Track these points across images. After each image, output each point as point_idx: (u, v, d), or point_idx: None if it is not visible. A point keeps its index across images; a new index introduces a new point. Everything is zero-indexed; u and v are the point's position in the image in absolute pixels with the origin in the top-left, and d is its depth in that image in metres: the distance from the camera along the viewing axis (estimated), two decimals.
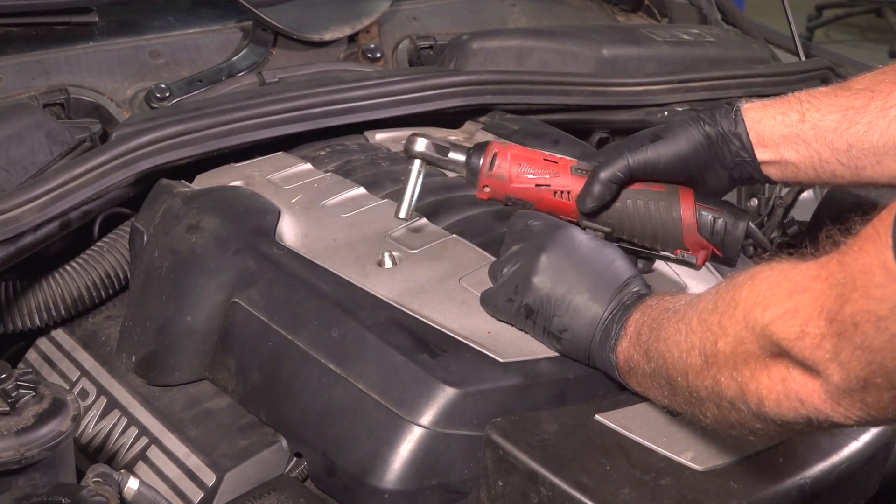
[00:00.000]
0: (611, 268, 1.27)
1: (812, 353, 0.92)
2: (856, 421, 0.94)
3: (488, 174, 1.38)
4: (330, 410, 1.30)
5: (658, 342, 1.12)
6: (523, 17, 2.40)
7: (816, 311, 0.91)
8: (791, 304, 0.93)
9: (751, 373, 0.99)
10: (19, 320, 1.58)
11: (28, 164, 1.62)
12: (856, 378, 0.90)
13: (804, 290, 0.93)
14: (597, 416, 1.21)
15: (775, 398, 0.98)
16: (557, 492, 1.12)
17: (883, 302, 0.85)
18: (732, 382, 1.01)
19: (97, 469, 1.23)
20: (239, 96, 1.80)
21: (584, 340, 1.25)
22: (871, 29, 6.91)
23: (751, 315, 0.97)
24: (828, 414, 0.94)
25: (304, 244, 1.48)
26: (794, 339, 0.93)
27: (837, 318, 0.89)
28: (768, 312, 0.95)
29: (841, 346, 0.90)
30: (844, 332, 0.89)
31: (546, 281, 1.27)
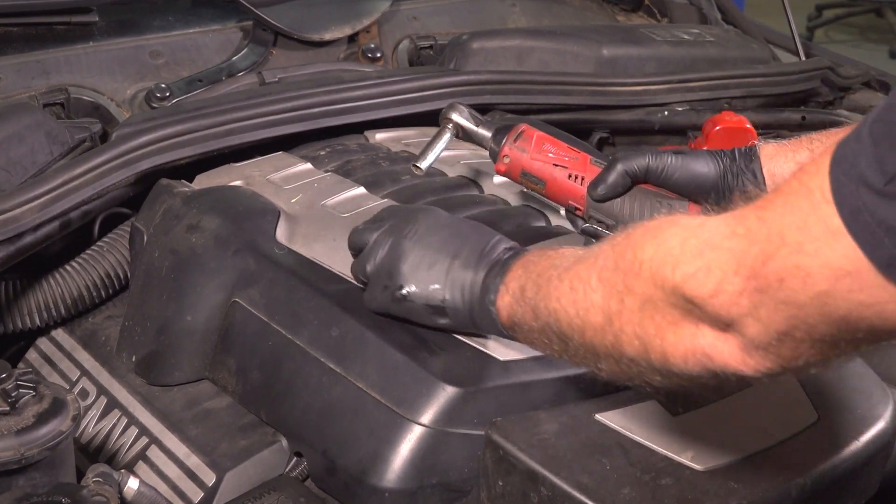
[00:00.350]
0: (475, 233, 1.28)
1: (728, 310, 0.91)
2: (766, 373, 0.94)
3: (511, 145, 1.44)
4: (330, 410, 1.30)
5: (549, 300, 1.11)
6: (523, 17, 2.40)
7: (733, 268, 0.90)
8: (703, 263, 0.92)
9: (656, 330, 0.98)
10: (19, 320, 1.58)
11: (28, 164, 1.62)
12: (774, 332, 0.90)
13: (717, 248, 0.92)
14: (597, 415, 1.21)
15: (682, 354, 0.97)
16: (557, 491, 1.12)
17: (816, 258, 0.85)
18: (636, 340, 1.00)
19: (97, 469, 1.23)
20: (239, 96, 1.80)
21: (463, 306, 1.25)
22: (871, 29, 6.91)
23: (659, 274, 0.96)
24: (737, 368, 0.94)
25: (304, 244, 1.48)
26: (707, 297, 0.92)
27: (760, 274, 0.89)
28: (678, 271, 0.94)
29: (761, 302, 0.89)
30: (767, 288, 0.88)
31: (415, 262, 1.28)
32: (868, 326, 0.87)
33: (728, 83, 2.15)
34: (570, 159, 1.43)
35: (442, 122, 1.53)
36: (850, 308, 0.85)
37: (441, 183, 1.63)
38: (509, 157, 1.46)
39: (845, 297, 0.85)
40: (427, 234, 1.29)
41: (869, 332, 0.88)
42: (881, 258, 0.82)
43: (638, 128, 2.09)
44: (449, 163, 1.71)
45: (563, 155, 1.44)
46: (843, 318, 0.86)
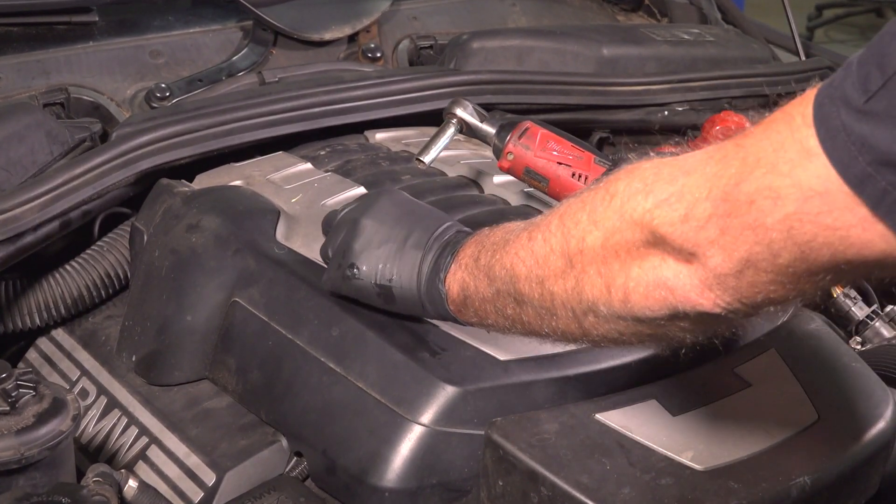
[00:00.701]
0: (430, 215, 1.28)
1: (694, 236, 0.91)
2: (724, 309, 0.93)
3: (516, 142, 1.45)
4: (330, 409, 1.30)
5: (505, 257, 1.11)
6: (523, 16, 2.40)
7: (705, 192, 0.91)
8: (676, 188, 0.93)
9: (620, 265, 0.98)
10: (19, 320, 1.58)
11: (28, 164, 1.62)
12: (737, 259, 0.90)
13: (691, 172, 0.92)
14: (597, 415, 1.21)
15: (643, 290, 0.97)
16: (557, 491, 1.12)
17: (788, 178, 0.86)
18: (598, 279, 1.00)
19: (97, 469, 1.23)
20: (239, 96, 1.80)
21: (412, 284, 1.24)
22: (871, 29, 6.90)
23: (629, 203, 0.96)
24: (697, 302, 0.93)
25: (304, 244, 1.48)
26: (676, 223, 0.92)
27: (730, 197, 0.89)
28: (650, 198, 0.94)
29: (728, 226, 0.89)
30: (735, 211, 0.89)
31: (367, 239, 1.28)
32: (830, 255, 0.86)
33: (728, 83, 2.15)
34: (574, 158, 1.44)
35: (446, 116, 1.54)
36: (815, 232, 0.85)
37: (441, 183, 1.63)
38: (513, 155, 1.47)
39: (813, 219, 0.85)
40: (382, 212, 1.29)
41: (830, 263, 0.87)
42: (853, 176, 0.83)
43: (638, 128, 2.09)
44: (449, 163, 1.71)
45: (567, 153, 1.44)
46: (807, 244, 0.86)
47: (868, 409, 1.27)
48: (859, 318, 1.69)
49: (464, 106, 1.52)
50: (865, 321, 1.69)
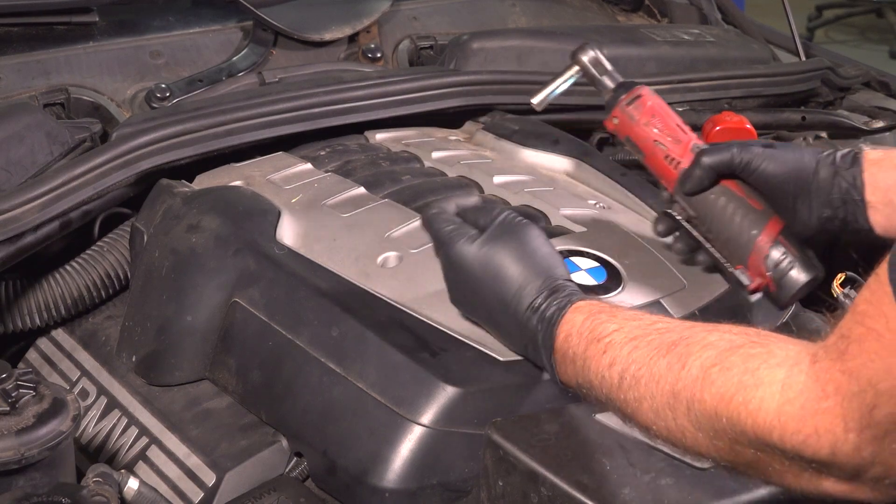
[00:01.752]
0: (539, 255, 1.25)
1: (851, 462, 0.91)
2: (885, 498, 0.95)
3: (623, 108, 1.43)
4: (330, 410, 1.30)
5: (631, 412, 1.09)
6: (523, 17, 2.40)
7: (841, 427, 0.90)
8: (810, 429, 0.91)
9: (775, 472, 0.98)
10: (19, 320, 1.57)
11: (28, 164, 1.62)
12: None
13: (816, 413, 0.91)
14: (597, 415, 1.21)
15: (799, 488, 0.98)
16: (558, 492, 1.12)
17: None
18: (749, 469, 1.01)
19: (97, 469, 1.23)
20: (239, 96, 1.80)
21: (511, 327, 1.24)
22: (871, 29, 6.91)
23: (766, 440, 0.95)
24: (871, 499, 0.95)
25: (304, 244, 1.48)
26: (827, 458, 0.92)
27: (871, 424, 0.88)
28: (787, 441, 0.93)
29: (881, 449, 0.89)
30: (881, 439, 0.88)
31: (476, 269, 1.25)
32: None
33: (728, 83, 2.15)
34: (672, 141, 1.41)
35: (571, 60, 1.50)
36: None
37: (441, 183, 1.63)
38: (618, 120, 1.44)
39: None
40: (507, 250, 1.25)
41: None
42: None
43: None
44: (449, 163, 1.71)
45: (667, 135, 1.41)
46: None
47: None
48: None
49: (588, 54, 1.49)
50: None
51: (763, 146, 1.35)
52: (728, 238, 1.35)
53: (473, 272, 1.25)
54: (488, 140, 1.84)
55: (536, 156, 1.78)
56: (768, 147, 1.34)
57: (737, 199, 1.35)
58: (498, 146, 1.82)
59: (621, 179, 1.67)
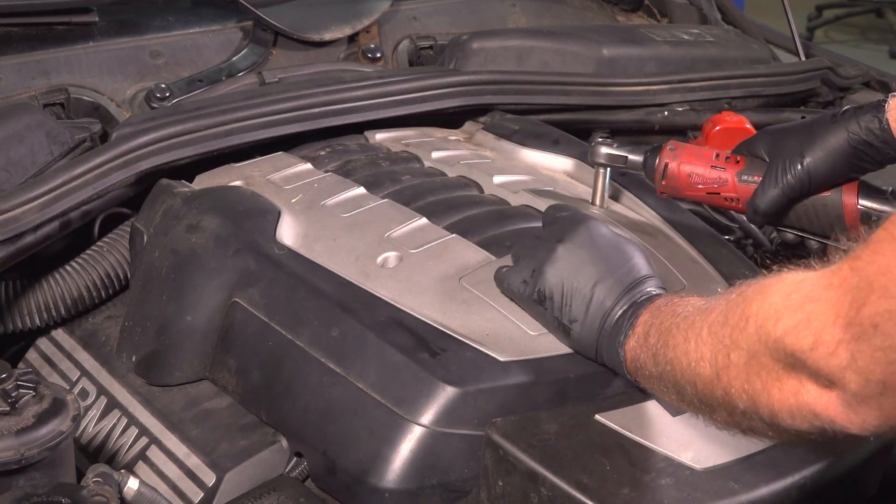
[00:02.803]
0: (627, 264, 1.26)
1: (827, 363, 0.92)
2: (873, 429, 0.94)
3: (662, 184, 1.51)
4: (330, 410, 1.30)
5: (667, 349, 1.12)
6: (523, 17, 2.40)
7: (831, 318, 0.92)
8: (804, 315, 0.94)
9: (762, 385, 0.99)
10: (19, 320, 1.57)
11: (28, 164, 1.62)
12: (875, 382, 0.90)
13: (816, 300, 0.94)
14: (597, 415, 1.21)
15: (788, 411, 0.99)
16: (558, 492, 1.12)
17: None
18: (744, 394, 1.02)
19: (97, 469, 1.23)
20: (239, 96, 1.80)
21: (592, 333, 1.25)
22: (871, 29, 6.91)
23: (763, 329, 0.98)
24: (844, 424, 0.95)
25: (304, 244, 1.48)
26: (808, 350, 0.93)
27: (855, 322, 0.90)
28: (780, 325, 0.96)
29: (859, 351, 0.90)
30: (863, 335, 0.89)
31: (561, 271, 1.27)
32: None
33: (728, 83, 2.15)
34: (719, 185, 1.47)
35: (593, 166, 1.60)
36: None
37: (441, 183, 1.63)
38: (666, 193, 1.52)
39: None
40: (581, 245, 1.28)
41: None
42: None
43: (638, 128, 2.09)
44: (449, 163, 1.71)
45: (712, 182, 1.48)
46: None
47: None
48: None
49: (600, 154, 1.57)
50: None
51: (799, 157, 1.39)
52: (821, 228, 1.43)
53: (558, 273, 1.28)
54: (488, 140, 1.84)
55: (536, 156, 1.78)
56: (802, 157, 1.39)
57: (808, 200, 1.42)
58: (498, 146, 1.82)
59: (620, 179, 1.67)
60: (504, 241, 1.45)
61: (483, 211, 1.54)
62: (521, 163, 1.76)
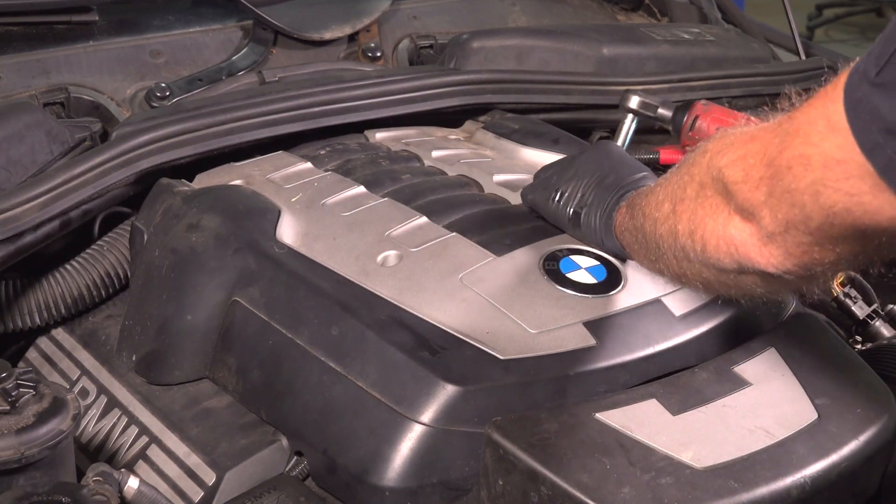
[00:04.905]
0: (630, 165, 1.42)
1: (750, 195, 1.03)
2: (778, 268, 1.05)
3: (688, 135, 1.56)
4: (330, 409, 1.30)
5: (641, 198, 1.27)
6: (523, 16, 2.40)
7: (761, 156, 1.02)
8: (743, 151, 1.05)
9: (702, 216, 1.10)
10: (19, 319, 1.57)
11: (28, 163, 1.62)
12: (781, 220, 1.00)
13: (755, 139, 1.05)
14: (597, 414, 1.21)
15: (715, 242, 1.09)
16: (558, 491, 1.12)
17: (816, 147, 0.96)
18: (688, 226, 1.13)
19: (97, 468, 1.23)
20: (239, 95, 1.80)
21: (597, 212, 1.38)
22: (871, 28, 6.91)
23: (713, 161, 1.09)
24: (755, 259, 1.06)
25: (304, 243, 1.48)
26: (738, 182, 1.05)
27: (776, 162, 1.00)
28: (724, 157, 1.07)
29: (773, 188, 1.00)
30: (778, 175, 1.00)
31: (575, 172, 1.44)
32: (851, 221, 0.96)
33: (728, 83, 2.15)
34: None
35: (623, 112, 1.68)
36: (836, 198, 0.95)
37: (441, 182, 1.63)
38: (689, 146, 1.56)
39: (834, 185, 0.95)
40: (594, 156, 1.46)
41: (853, 229, 0.96)
42: (866, 144, 0.91)
43: (638, 127, 2.09)
44: (449, 162, 1.71)
45: None
46: (830, 209, 0.96)
47: (868, 409, 1.27)
48: (860, 318, 1.69)
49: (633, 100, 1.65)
50: (865, 321, 1.68)
51: None
52: None
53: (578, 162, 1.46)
54: (488, 139, 1.84)
55: (536, 155, 1.78)
56: None
57: None
58: (498, 145, 1.82)
59: None
60: (504, 240, 1.45)
61: (483, 210, 1.54)
62: (521, 162, 1.76)
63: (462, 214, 1.52)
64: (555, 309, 1.35)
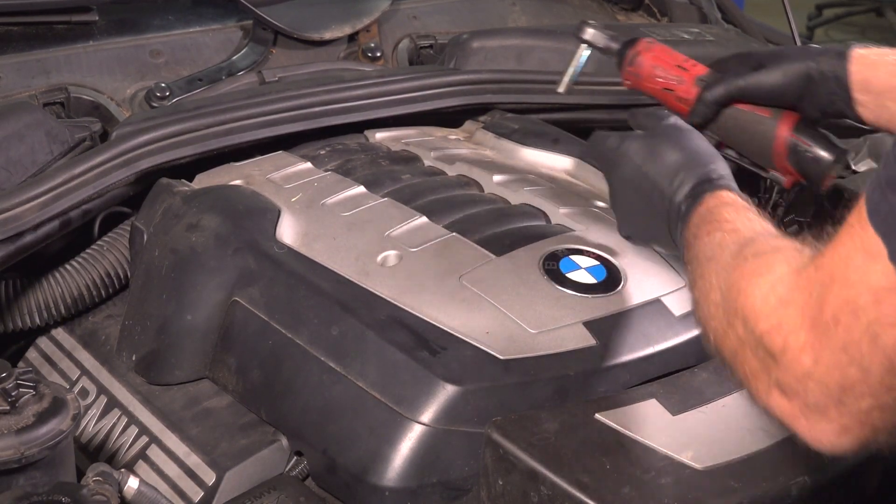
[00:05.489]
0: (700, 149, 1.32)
1: (793, 368, 0.92)
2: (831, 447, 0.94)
3: (627, 70, 1.57)
4: (330, 408, 1.30)
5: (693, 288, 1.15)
6: (523, 16, 2.40)
7: (799, 322, 0.92)
8: (776, 320, 0.95)
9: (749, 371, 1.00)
10: (19, 319, 1.57)
11: (28, 163, 1.62)
12: (835, 388, 0.89)
13: (787, 304, 0.94)
14: (597, 414, 1.21)
15: (764, 403, 0.99)
16: (557, 490, 1.12)
17: (860, 285, 0.86)
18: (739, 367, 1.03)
19: (97, 468, 1.23)
20: (239, 95, 1.80)
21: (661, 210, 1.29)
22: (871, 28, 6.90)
23: (748, 325, 0.98)
24: (803, 435, 0.95)
25: (304, 243, 1.48)
26: (779, 354, 0.94)
27: (818, 321, 0.89)
28: (760, 325, 0.97)
29: (822, 352, 0.89)
30: (827, 334, 0.89)
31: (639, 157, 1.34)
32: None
33: None
34: (678, 82, 1.53)
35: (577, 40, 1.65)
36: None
37: (441, 182, 1.63)
38: (629, 80, 1.57)
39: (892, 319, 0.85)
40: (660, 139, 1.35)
41: None
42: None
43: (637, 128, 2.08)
44: (449, 161, 1.71)
45: (672, 78, 1.53)
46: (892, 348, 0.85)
47: None
48: None
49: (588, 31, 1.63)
50: None
51: (754, 66, 1.45)
52: (752, 150, 1.47)
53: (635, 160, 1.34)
54: (488, 139, 1.84)
55: (536, 155, 1.78)
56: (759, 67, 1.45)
57: (746, 115, 1.46)
58: (498, 145, 1.82)
59: None
60: (504, 240, 1.45)
61: (483, 210, 1.54)
62: (521, 162, 1.76)
63: (462, 214, 1.52)
64: (555, 309, 1.35)
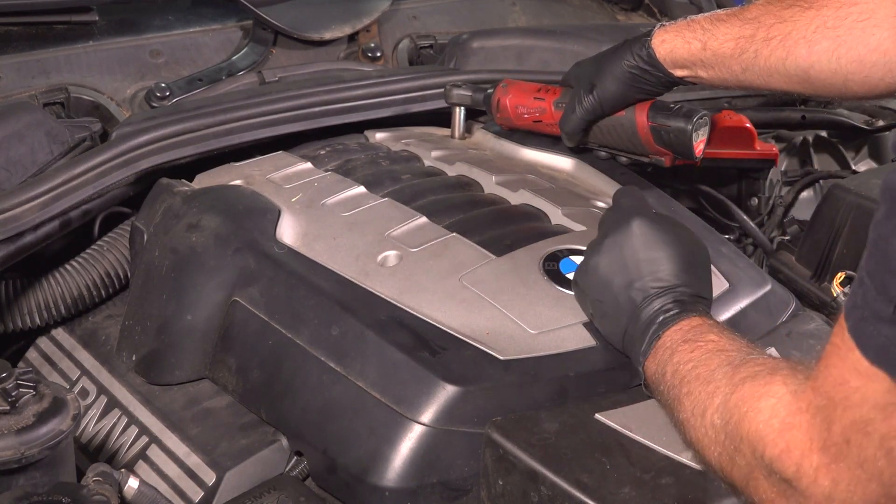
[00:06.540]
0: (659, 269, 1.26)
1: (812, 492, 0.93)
2: None
3: (497, 117, 1.74)
4: (330, 409, 1.30)
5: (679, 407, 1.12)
6: (523, 16, 2.40)
7: (808, 445, 0.93)
8: (784, 444, 0.95)
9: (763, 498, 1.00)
10: (19, 319, 1.57)
11: (28, 163, 1.62)
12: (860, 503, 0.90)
13: (792, 427, 0.95)
14: (597, 415, 1.21)
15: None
16: (557, 491, 1.12)
17: (864, 404, 0.88)
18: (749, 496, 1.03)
19: (97, 468, 1.23)
20: (239, 95, 1.80)
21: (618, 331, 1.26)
22: None
23: (756, 451, 0.99)
24: None
25: (304, 243, 1.48)
26: (793, 479, 0.94)
27: (829, 444, 0.91)
28: (767, 451, 0.97)
29: (839, 473, 0.90)
30: (840, 454, 0.90)
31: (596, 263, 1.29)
32: None
33: None
34: (540, 113, 1.68)
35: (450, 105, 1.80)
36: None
37: (441, 182, 1.63)
38: (503, 125, 1.75)
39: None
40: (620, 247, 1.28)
41: None
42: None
43: None
44: (449, 162, 1.71)
45: (535, 111, 1.69)
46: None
47: None
48: None
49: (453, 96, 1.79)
50: None
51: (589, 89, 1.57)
52: (626, 146, 1.62)
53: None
54: (488, 139, 1.84)
55: (536, 155, 1.78)
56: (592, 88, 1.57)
57: (607, 121, 1.60)
58: (497, 145, 1.82)
59: (621, 178, 1.67)
60: (504, 241, 1.45)
61: (483, 210, 1.54)
62: (521, 162, 1.76)
63: (462, 215, 1.52)
64: (555, 309, 1.35)
